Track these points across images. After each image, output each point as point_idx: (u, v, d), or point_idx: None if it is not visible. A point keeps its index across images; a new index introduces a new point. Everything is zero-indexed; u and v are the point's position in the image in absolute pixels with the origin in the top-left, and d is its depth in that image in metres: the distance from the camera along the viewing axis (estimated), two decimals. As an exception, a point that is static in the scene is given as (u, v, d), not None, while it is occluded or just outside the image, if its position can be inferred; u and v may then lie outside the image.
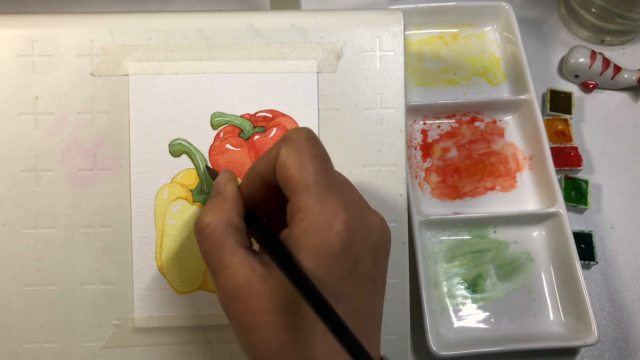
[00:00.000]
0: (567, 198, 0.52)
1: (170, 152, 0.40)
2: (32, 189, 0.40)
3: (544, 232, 0.50)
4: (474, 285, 0.49)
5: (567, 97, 0.57)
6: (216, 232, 0.31)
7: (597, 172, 0.55)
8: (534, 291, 0.49)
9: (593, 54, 0.57)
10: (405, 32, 0.43)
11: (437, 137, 0.54)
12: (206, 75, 0.40)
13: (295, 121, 0.40)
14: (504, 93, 0.56)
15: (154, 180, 0.40)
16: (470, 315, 0.48)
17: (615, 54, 0.60)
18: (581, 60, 0.57)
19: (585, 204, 0.52)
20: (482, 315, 0.48)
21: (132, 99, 0.40)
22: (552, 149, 0.52)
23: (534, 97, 0.53)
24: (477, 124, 0.55)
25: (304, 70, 0.40)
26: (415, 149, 0.54)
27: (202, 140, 0.40)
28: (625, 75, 0.57)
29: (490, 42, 0.58)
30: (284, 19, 0.41)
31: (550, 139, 0.54)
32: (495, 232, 0.51)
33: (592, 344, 0.44)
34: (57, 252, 0.40)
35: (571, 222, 0.49)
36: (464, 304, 0.48)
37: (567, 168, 0.54)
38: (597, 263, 0.51)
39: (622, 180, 0.55)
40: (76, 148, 0.40)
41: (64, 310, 0.40)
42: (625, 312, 0.50)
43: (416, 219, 0.48)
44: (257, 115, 0.40)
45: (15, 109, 0.40)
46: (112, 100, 0.40)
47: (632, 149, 0.56)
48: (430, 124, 0.55)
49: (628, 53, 0.61)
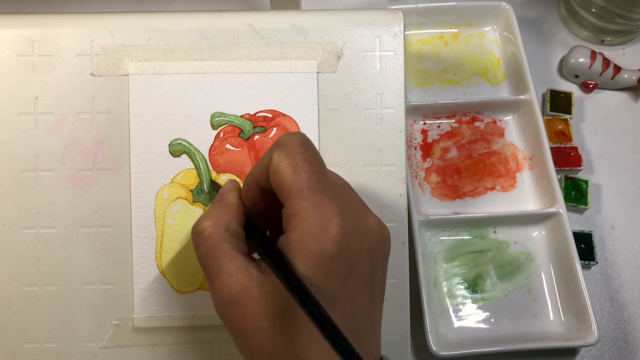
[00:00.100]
0: (567, 198, 0.52)
1: (170, 152, 0.40)
2: (32, 189, 0.40)
3: (544, 232, 0.50)
4: (474, 285, 0.49)
5: (567, 97, 0.57)
6: (213, 236, 0.31)
7: (597, 172, 0.55)
8: (534, 291, 0.49)
9: (593, 54, 0.57)
10: (405, 32, 0.43)
11: (437, 137, 0.54)
12: (206, 75, 0.40)
13: (295, 121, 0.40)
14: (504, 93, 0.56)
15: (154, 180, 0.40)
16: (470, 315, 0.48)
17: (615, 54, 0.60)
18: (581, 60, 0.57)
19: (585, 204, 0.52)
20: (482, 315, 0.48)
21: (132, 99, 0.40)
22: (552, 149, 0.52)
23: (534, 97, 0.53)
24: (477, 124, 0.55)
25: (304, 70, 0.40)
26: (415, 149, 0.54)
27: (202, 140, 0.40)
28: (625, 75, 0.57)
29: (490, 42, 0.58)
30: (284, 19, 0.41)
31: (550, 139, 0.54)
32: (495, 232, 0.51)
33: (592, 344, 0.44)
34: (57, 252, 0.40)
35: (571, 222, 0.49)
36: (464, 304, 0.48)
37: (567, 168, 0.54)
38: (597, 263, 0.51)
39: (622, 180, 0.55)
40: (76, 148, 0.40)
41: (64, 310, 0.40)
42: (625, 312, 0.50)
43: (416, 219, 0.48)
44: (257, 115, 0.40)
45: (15, 109, 0.39)
46: (112, 100, 0.40)
47: (632, 149, 0.56)
48: (430, 124, 0.55)
49: (628, 53, 0.61)
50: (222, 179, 0.40)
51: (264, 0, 0.61)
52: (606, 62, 0.57)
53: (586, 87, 0.58)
